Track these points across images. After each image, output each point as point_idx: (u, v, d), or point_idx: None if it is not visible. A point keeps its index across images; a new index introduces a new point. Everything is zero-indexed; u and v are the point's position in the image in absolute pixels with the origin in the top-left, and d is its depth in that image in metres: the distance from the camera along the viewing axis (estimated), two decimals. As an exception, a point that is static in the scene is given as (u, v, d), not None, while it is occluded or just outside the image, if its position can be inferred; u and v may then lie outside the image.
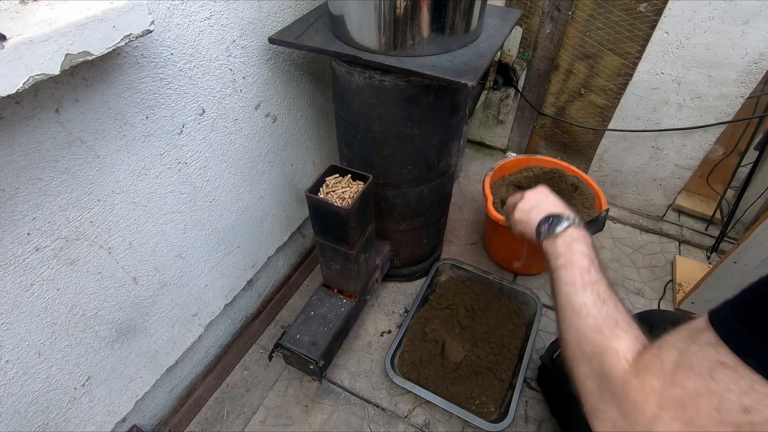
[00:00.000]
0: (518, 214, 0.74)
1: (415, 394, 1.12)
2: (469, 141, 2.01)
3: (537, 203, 0.73)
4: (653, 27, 1.31)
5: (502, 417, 1.06)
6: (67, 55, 0.55)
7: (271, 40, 0.96)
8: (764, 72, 1.24)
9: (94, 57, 0.58)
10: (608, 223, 1.68)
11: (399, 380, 1.14)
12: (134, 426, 1.03)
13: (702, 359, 0.36)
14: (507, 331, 1.27)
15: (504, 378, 1.17)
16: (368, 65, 0.89)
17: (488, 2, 0.95)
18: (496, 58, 1.58)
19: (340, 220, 0.95)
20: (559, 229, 0.65)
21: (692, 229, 1.64)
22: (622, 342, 0.46)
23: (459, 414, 1.06)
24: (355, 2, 0.83)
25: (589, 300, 0.53)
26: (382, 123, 0.99)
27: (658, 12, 1.28)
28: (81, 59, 0.57)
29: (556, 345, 1.09)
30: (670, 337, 0.42)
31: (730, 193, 1.55)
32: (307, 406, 1.16)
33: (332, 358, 1.15)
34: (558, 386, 1.04)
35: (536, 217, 0.70)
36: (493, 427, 1.04)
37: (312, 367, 1.05)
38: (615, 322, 0.49)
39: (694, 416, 0.35)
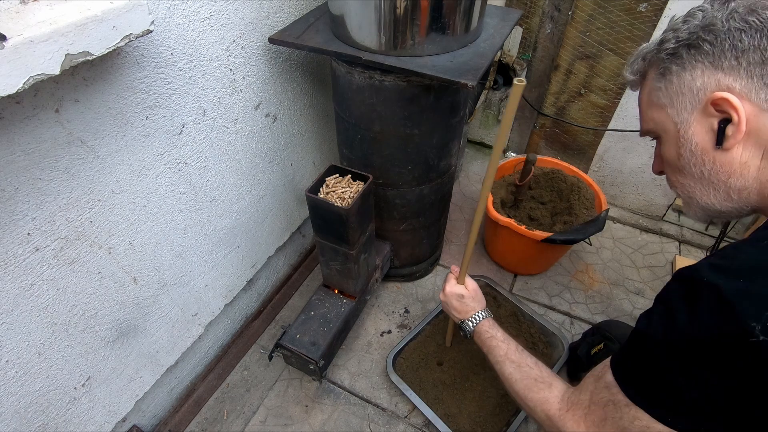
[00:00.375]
0: (447, 311, 1.01)
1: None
2: (469, 141, 2.01)
3: (449, 310, 0.99)
4: (653, 27, 1.31)
5: None
6: (67, 55, 0.55)
7: (271, 40, 0.96)
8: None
9: (94, 57, 0.58)
10: (608, 223, 1.68)
11: (395, 378, 1.14)
12: (134, 426, 1.03)
13: (601, 398, 0.57)
14: None
15: (509, 410, 1.12)
16: (368, 65, 0.89)
17: (488, 2, 0.95)
18: (496, 58, 1.58)
19: (340, 220, 0.95)
20: (469, 333, 0.93)
21: (692, 229, 1.64)
22: (545, 392, 0.69)
23: (437, 425, 1.05)
24: (355, 2, 0.83)
25: (509, 369, 0.77)
26: (382, 123, 0.99)
27: (658, 12, 1.28)
28: (81, 59, 0.57)
29: (595, 339, 1.07)
30: (586, 379, 0.62)
31: (730, 193, 1.54)
32: (307, 406, 1.16)
33: (332, 358, 1.15)
34: None
35: (455, 320, 0.98)
36: None
37: (312, 367, 1.05)
38: (534, 379, 0.72)
39: None
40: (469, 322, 0.92)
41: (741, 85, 0.49)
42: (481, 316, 0.92)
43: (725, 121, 0.50)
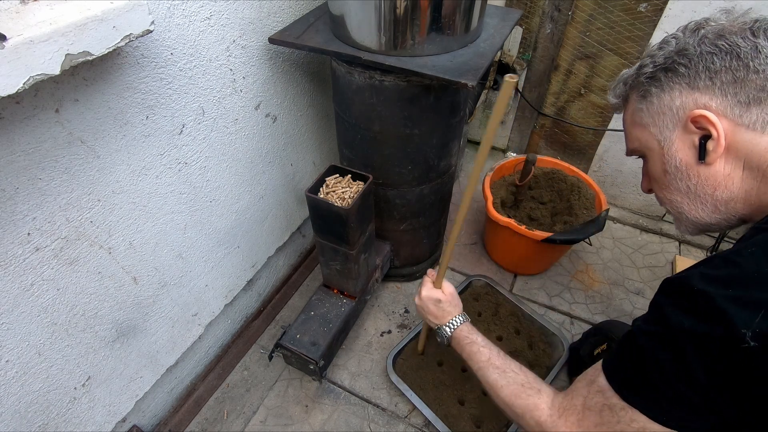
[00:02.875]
0: (423, 317, 0.98)
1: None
2: (469, 141, 2.01)
3: (425, 316, 0.96)
4: (653, 27, 1.31)
5: None
6: (67, 55, 0.55)
7: (271, 40, 0.96)
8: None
9: (94, 57, 0.58)
10: (608, 223, 1.68)
11: (395, 378, 1.14)
12: (134, 426, 1.03)
13: (596, 402, 0.57)
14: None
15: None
16: (368, 65, 0.89)
17: (488, 2, 0.95)
18: (496, 58, 1.58)
19: (340, 220, 0.95)
20: (447, 339, 0.90)
21: (692, 229, 1.64)
22: (534, 398, 0.67)
23: (438, 427, 1.05)
24: (355, 2, 0.83)
25: (494, 375, 0.75)
26: (382, 123, 0.99)
27: (658, 12, 1.29)
28: (81, 59, 0.57)
29: (598, 340, 1.07)
30: (577, 383, 0.61)
31: (730, 193, 1.55)
32: (307, 406, 1.16)
33: (332, 358, 1.15)
34: None
35: (432, 325, 0.95)
36: None
37: (312, 367, 1.05)
38: (521, 384, 0.70)
39: None
40: (446, 328, 0.90)
41: (717, 103, 0.53)
42: (459, 321, 0.89)
43: (705, 137, 0.54)
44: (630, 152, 0.67)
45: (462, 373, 1.18)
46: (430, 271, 0.98)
